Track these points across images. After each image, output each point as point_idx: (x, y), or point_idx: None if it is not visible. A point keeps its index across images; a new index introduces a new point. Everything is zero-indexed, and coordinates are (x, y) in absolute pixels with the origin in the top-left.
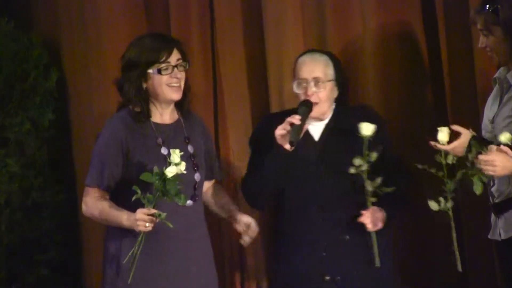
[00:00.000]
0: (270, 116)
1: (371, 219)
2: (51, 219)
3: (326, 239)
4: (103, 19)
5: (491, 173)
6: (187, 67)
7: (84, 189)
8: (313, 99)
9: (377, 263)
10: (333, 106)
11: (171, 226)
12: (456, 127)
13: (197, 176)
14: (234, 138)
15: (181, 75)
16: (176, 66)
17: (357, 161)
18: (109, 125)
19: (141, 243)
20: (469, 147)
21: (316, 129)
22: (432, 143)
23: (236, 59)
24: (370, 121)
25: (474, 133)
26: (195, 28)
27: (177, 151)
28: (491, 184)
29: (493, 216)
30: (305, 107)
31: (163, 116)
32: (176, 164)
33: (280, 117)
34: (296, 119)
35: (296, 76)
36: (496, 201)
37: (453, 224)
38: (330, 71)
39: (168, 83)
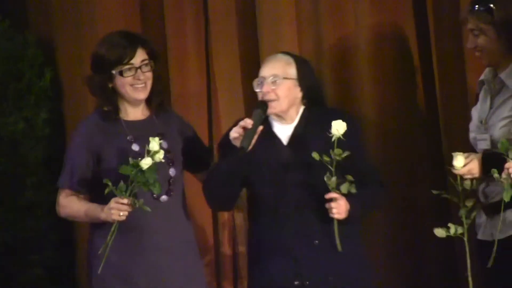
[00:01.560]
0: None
1: (337, 205)
2: (45, 218)
3: (295, 243)
4: (98, 18)
5: None
6: (154, 66)
7: (58, 191)
8: (269, 96)
9: (339, 247)
10: (302, 108)
11: (149, 210)
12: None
13: (172, 171)
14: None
15: (145, 76)
16: (140, 67)
17: (316, 155)
18: (79, 126)
19: (113, 233)
20: (485, 165)
21: (283, 132)
22: (450, 168)
23: (230, 59)
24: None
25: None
26: (189, 27)
27: (157, 138)
28: (484, 185)
29: (483, 217)
30: (259, 111)
31: (134, 114)
32: (155, 153)
33: None
34: (248, 123)
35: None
36: (492, 201)
37: (468, 250)
38: (291, 71)
39: (131, 83)
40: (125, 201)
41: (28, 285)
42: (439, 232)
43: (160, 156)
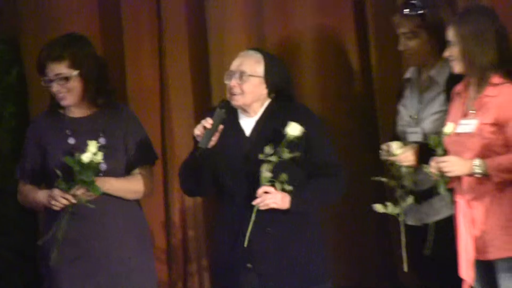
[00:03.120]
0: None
1: (264, 196)
2: (14, 205)
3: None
4: (60, 18)
5: (449, 174)
6: (71, 77)
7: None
8: (235, 90)
9: (246, 243)
10: (268, 101)
11: (92, 206)
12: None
13: (102, 166)
14: (179, 131)
15: (63, 87)
16: (53, 80)
17: (267, 149)
18: (31, 123)
19: (60, 224)
20: (421, 155)
21: (247, 124)
22: (385, 155)
23: (181, 58)
24: (305, 122)
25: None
26: (144, 29)
27: (94, 142)
28: (413, 173)
29: (411, 203)
30: (221, 111)
31: (79, 111)
32: (94, 154)
33: None
34: (208, 123)
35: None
36: (421, 189)
37: (403, 229)
38: (259, 69)
39: (54, 92)
40: (66, 196)
41: None
42: (378, 207)
43: (98, 157)
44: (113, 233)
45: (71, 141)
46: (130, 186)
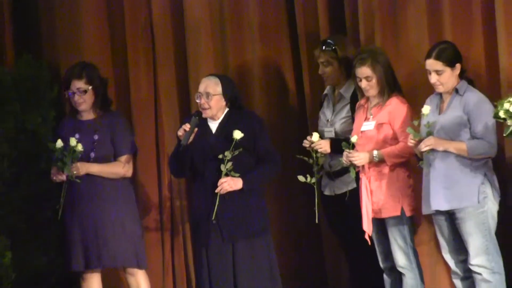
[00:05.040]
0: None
1: (222, 185)
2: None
3: (214, 197)
4: (84, 47)
5: (356, 163)
6: (87, 91)
7: None
8: (204, 105)
9: (213, 217)
10: (226, 110)
11: (78, 181)
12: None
13: (92, 155)
14: (167, 131)
15: (80, 97)
16: (74, 93)
17: (225, 152)
18: (59, 123)
19: (63, 190)
20: (333, 146)
21: (214, 125)
22: (307, 142)
23: (170, 77)
24: (251, 123)
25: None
26: (142, 54)
27: (73, 138)
28: (330, 159)
29: (326, 180)
30: (195, 118)
31: (87, 115)
32: (74, 146)
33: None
34: (187, 127)
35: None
36: (334, 170)
37: (317, 193)
38: (218, 88)
39: (73, 102)
40: (58, 175)
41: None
42: (301, 178)
43: (79, 148)
44: (102, 194)
45: (76, 136)
46: (109, 169)
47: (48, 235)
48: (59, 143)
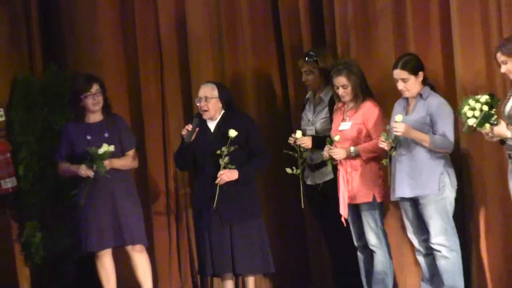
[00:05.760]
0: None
1: (221, 176)
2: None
3: (213, 188)
4: (102, 61)
5: (335, 157)
6: (104, 92)
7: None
8: (204, 108)
9: (214, 205)
10: (222, 112)
11: (108, 176)
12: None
13: (112, 148)
14: (173, 130)
15: (98, 98)
16: (95, 93)
17: (223, 148)
18: (65, 126)
19: (87, 183)
20: (314, 142)
21: (212, 125)
22: (292, 139)
23: (175, 84)
24: (244, 122)
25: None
26: (151, 71)
27: (105, 145)
28: (311, 154)
29: (308, 171)
30: (196, 119)
31: (94, 118)
32: (107, 148)
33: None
34: (189, 127)
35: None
36: (315, 163)
37: (301, 182)
38: (215, 92)
39: (91, 102)
40: (88, 171)
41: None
42: (288, 170)
43: (111, 149)
44: (113, 184)
45: (88, 137)
46: (123, 162)
47: (71, 220)
48: (102, 150)
